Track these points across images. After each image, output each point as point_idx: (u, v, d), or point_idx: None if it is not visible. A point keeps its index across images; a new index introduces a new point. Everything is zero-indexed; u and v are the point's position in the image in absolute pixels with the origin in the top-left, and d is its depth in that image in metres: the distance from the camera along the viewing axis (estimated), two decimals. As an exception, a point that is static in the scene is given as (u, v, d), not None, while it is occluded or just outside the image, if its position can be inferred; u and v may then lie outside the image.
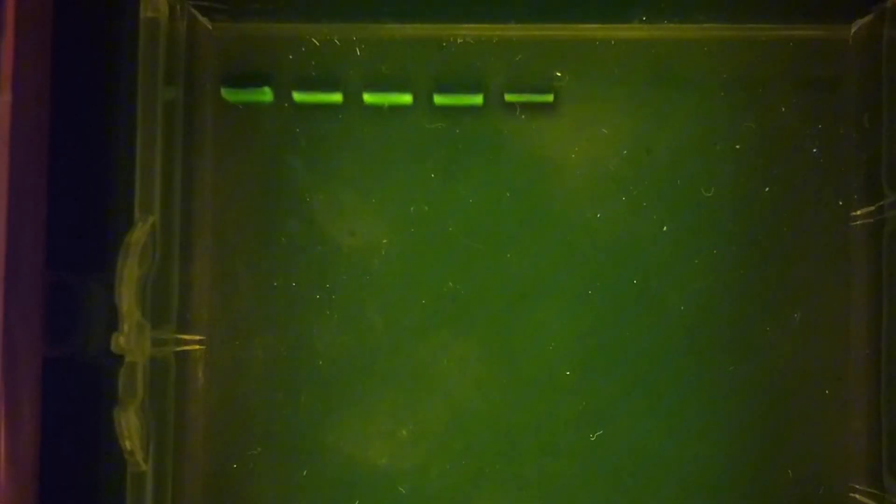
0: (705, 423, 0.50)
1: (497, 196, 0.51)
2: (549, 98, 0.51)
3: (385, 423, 0.51)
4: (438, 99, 0.51)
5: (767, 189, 0.51)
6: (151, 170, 0.47)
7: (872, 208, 0.50)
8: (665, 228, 0.51)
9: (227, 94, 0.51)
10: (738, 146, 0.51)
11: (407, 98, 0.51)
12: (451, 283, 0.51)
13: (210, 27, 0.52)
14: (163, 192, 0.48)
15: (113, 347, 0.45)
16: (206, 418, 0.51)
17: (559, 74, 0.51)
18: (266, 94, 0.51)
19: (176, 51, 0.49)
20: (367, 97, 0.51)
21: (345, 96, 0.51)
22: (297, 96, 0.51)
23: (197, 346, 0.51)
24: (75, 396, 0.49)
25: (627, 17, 0.51)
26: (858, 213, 0.50)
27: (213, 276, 0.51)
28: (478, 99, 0.51)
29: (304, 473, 0.51)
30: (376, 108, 0.51)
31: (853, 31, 0.51)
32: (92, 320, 0.49)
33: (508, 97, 0.51)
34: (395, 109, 0.51)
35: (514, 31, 0.51)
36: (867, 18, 0.50)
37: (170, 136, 0.49)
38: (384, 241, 0.51)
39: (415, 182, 0.51)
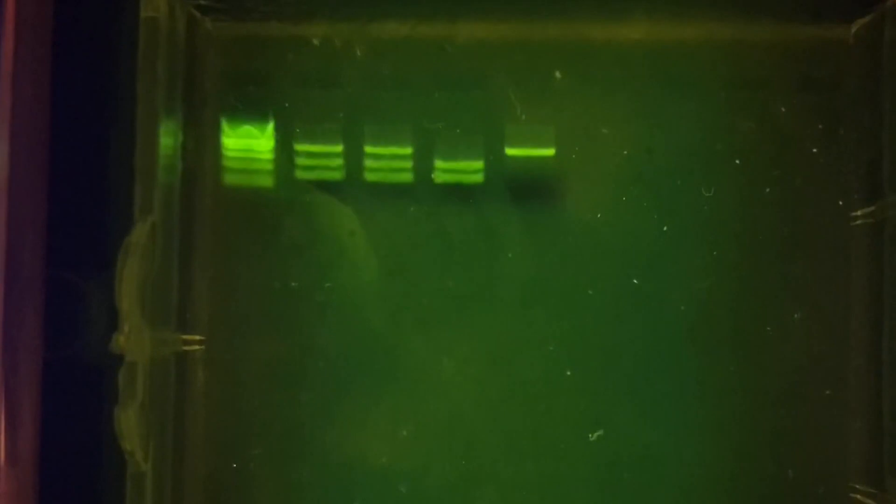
0: (705, 423, 0.50)
1: (497, 196, 0.51)
2: (551, 151, 0.51)
3: (385, 423, 0.51)
4: (440, 170, 0.51)
5: (767, 189, 0.51)
6: (151, 170, 0.47)
7: (872, 208, 0.50)
8: (665, 228, 0.51)
9: (228, 126, 0.51)
10: (738, 146, 0.51)
11: (406, 166, 0.51)
12: (451, 283, 0.51)
13: (210, 27, 0.52)
14: (163, 192, 0.48)
15: (113, 347, 0.45)
16: (206, 418, 0.51)
17: (559, 74, 0.51)
18: (267, 136, 0.51)
19: (176, 50, 0.49)
20: (368, 148, 0.51)
21: (345, 99, 0.51)
22: (296, 99, 0.51)
23: (197, 346, 0.51)
24: (75, 396, 0.49)
25: (628, 16, 0.51)
26: (858, 213, 0.50)
27: (213, 276, 0.51)
28: (478, 173, 0.51)
29: (304, 473, 0.51)
30: (377, 110, 0.51)
31: (853, 31, 0.51)
32: (92, 320, 0.49)
33: (509, 150, 0.51)
34: (396, 110, 0.51)
35: (514, 31, 0.51)
36: (867, 18, 0.50)
37: (170, 136, 0.49)
38: (384, 241, 0.51)
39: (415, 182, 0.51)
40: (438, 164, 0.51)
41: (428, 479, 0.51)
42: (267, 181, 0.51)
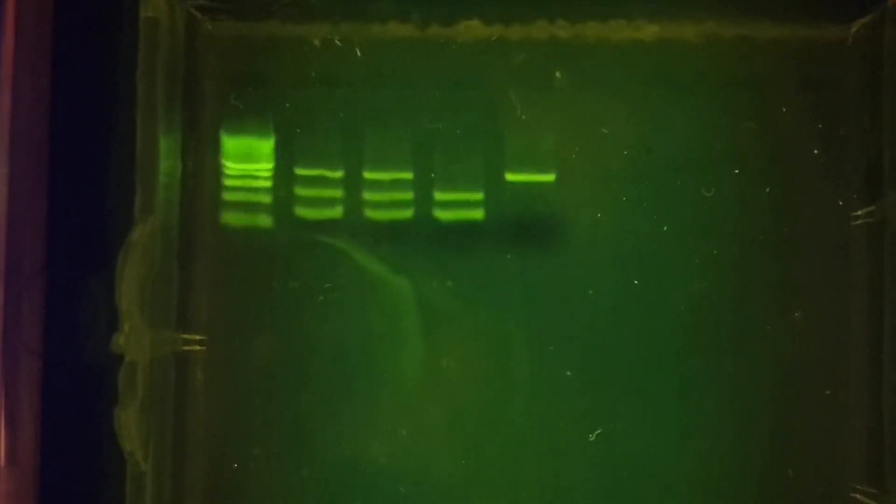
0: (705, 423, 0.50)
1: (497, 196, 0.51)
2: (551, 178, 0.51)
3: (385, 423, 0.51)
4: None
5: (767, 189, 0.51)
6: (151, 170, 0.47)
7: (872, 208, 0.50)
8: (665, 228, 0.51)
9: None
10: (738, 146, 0.51)
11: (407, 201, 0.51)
12: (450, 283, 0.51)
13: (210, 27, 0.52)
14: (163, 193, 0.48)
15: (113, 347, 0.45)
16: (206, 418, 0.51)
17: (559, 75, 0.51)
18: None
19: (176, 51, 0.49)
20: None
21: (345, 99, 0.51)
22: (296, 99, 0.51)
23: (197, 346, 0.51)
24: (75, 396, 0.49)
25: (627, 16, 0.51)
26: (858, 213, 0.50)
27: (213, 276, 0.51)
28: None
29: (304, 473, 0.51)
30: (377, 109, 0.51)
31: (853, 31, 0.51)
32: (92, 320, 0.49)
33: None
34: (396, 110, 0.51)
35: (514, 31, 0.51)
36: (867, 18, 0.50)
37: (170, 136, 0.49)
38: (384, 240, 0.51)
39: (415, 182, 0.51)
40: (438, 164, 0.51)
41: (428, 479, 0.51)
42: (267, 181, 0.51)
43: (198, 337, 0.51)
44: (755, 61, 0.51)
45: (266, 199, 0.51)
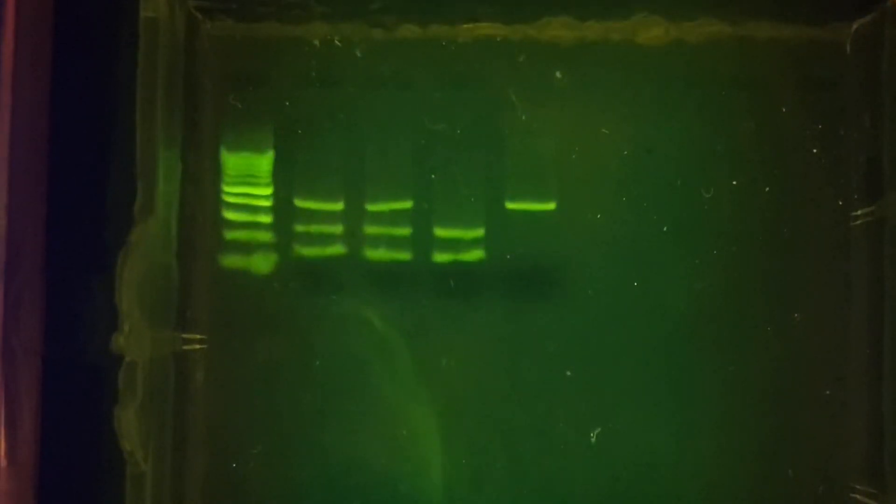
0: (705, 423, 0.50)
1: (497, 197, 0.51)
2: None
3: (385, 423, 0.51)
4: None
5: (767, 189, 0.51)
6: (151, 170, 0.47)
7: (872, 208, 0.50)
8: (665, 228, 0.51)
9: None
10: (738, 146, 0.51)
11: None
12: (450, 283, 0.51)
13: (210, 27, 0.52)
14: (163, 193, 0.48)
15: (113, 347, 0.45)
16: (206, 418, 0.51)
17: (559, 75, 0.51)
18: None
19: (176, 51, 0.49)
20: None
21: (345, 99, 0.51)
22: (296, 99, 0.51)
23: (197, 346, 0.51)
24: (75, 396, 0.49)
25: (628, 16, 0.51)
26: (858, 213, 0.50)
27: (213, 276, 0.51)
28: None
29: (304, 473, 0.51)
30: (377, 109, 0.51)
31: (853, 30, 0.51)
32: (92, 320, 0.49)
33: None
34: (396, 110, 0.51)
35: (514, 31, 0.51)
36: (867, 18, 0.50)
37: (170, 136, 0.49)
38: (384, 240, 0.51)
39: (415, 182, 0.51)
40: (437, 164, 0.51)
41: (428, 479, 0.51)
42: (267, 180, 0.51)
43: (198, 337, 0.51)
44: (755, 61, 0.51)
45: (266, 198, 0.51)
